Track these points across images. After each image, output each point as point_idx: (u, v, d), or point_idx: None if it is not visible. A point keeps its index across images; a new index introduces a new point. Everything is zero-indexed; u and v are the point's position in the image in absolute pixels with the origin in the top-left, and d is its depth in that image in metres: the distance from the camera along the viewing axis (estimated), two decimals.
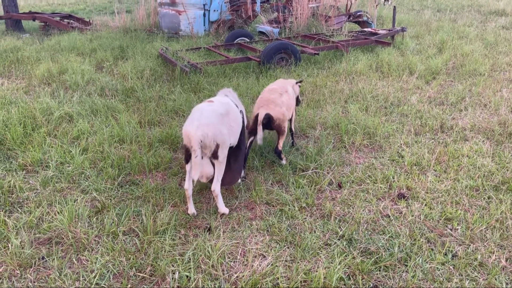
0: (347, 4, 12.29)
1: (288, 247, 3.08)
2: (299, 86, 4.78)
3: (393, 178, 3.96)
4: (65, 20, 12.90)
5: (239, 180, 3.87)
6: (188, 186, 3.36)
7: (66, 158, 4.33)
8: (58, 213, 3.42)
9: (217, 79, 7.03)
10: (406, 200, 3.64)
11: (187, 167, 3.35)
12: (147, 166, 4.21)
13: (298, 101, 4.83)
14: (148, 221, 3.24)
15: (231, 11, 11.04)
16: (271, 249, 3.06)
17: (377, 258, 2.92)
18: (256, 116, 3.92)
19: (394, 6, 10.80)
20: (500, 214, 3.36)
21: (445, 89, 6.48)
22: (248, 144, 4.05)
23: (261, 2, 12.94)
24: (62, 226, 3.22)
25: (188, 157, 3.29)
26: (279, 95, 4.11)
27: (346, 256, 2.96)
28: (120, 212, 3.49)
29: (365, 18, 11.15)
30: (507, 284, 2.71)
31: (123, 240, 3.14)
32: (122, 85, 6.69)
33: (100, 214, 3.49)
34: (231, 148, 3.47)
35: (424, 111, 5.53)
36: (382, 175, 4.01)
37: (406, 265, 2.87)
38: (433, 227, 3.26)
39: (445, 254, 2.96)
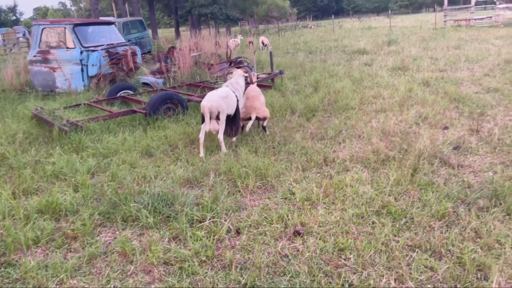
0: (227, 52, 12.86)
1: None
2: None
3: (287, 216, 4.07)
4: None
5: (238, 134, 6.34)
6: (202, 136, 5.74)
7: None
8: None
9: (101, 135, 6.70)
10: (301, 236, 3.75)
11: (203, 125, 5.76)
12: (24, 243, 3.74)
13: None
14: None
15: (111, 65, 10.78)
16: None
17: None
18: (249, 118, 6.33)
19: (270, 52, 11.59)
20: (384, 237, 3.63)
21: (324, 125, 7.01)
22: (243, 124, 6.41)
23: (142, 54, 12.88)
24: None
25: (203, 120, 5.72)
26: (258, 98, 6.48)
27: None
28: None
29: (245, 64, 11.71)
30: None
31: None
32: None
33: None
34: (229, 116, 5.97)
35: (308, 147, 5.87)
36: (277, 215, 4.10)
37: None
38: (328, 260, 3.40)
39: (343, 285, 3.08)
